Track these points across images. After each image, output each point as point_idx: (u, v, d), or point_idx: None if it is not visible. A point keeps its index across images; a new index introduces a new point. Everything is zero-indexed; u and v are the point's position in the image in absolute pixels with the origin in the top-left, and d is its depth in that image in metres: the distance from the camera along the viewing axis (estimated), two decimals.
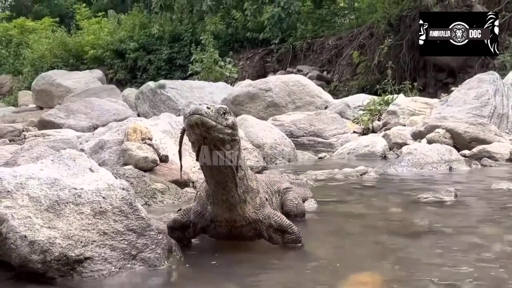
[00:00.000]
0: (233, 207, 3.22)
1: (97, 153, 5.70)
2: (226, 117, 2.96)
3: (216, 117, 2.88)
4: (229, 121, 2.97)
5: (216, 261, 3.18)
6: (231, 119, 2.99)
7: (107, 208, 3.04)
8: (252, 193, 3.29)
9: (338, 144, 9.63)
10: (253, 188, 3.30)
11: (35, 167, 3.12)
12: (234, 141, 3.03)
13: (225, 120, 2.95)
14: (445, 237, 3.66)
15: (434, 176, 6.38)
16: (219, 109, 2.94)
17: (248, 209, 3.27)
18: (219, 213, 3.27)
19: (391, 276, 2.87)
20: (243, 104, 12.65)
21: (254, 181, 3.36)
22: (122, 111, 13.79)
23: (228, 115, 2.98)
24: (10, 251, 2.80)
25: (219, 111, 2.93)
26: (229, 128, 2.96)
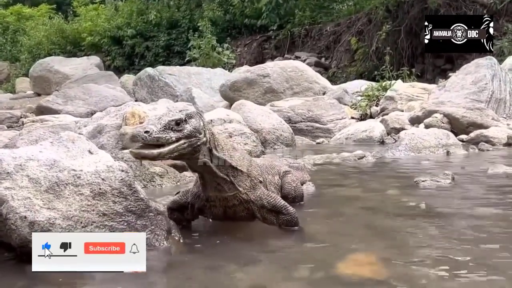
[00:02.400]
0: (220, 186, 3.29)
1: (96, 137, 5.71)
2: (180, 127, 2.94)
3: (157, 139, 2.86)
4: (186, 131, 2.96)
5: (214, 241, 3.21)
6: (189, 128, 2.97)
7: (106, 190, 3.05)
8: (240, 176, 3.33)
9: (336, 130, 9.66)
10: (242, 171, 3.33)
11: (34, 149, 3.13)
12: (199, 146, 3.05)
13: (178, 133, 2.93)
14: (442, 219, 3.69)
15: (432, 160, 6.40)
16: (168, 124, 2.91)
17: (237, 190, 3.32)
18: (210, 192, 3.33)
19: (387, 256, 2.89)
20: (241, 90, 12.65)
21: (245, 163, 3.39)
22: (120, 97, 13.79)
23: (183, 124, 2.95)
24: (11, 231, 2.81)
25: (168, 126, 2.91)
26: (185, 139, 2.96)
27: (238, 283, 2.60)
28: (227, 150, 3.27)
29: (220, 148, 3.22)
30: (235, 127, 6.97)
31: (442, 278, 2.57)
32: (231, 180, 3.27)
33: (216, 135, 3.23)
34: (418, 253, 2.95)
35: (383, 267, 2.73)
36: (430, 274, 2.61)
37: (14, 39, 35.25)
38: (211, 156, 3.16)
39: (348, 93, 12.51)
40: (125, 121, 5.51)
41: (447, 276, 2.59)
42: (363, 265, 2.78)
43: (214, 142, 3.18)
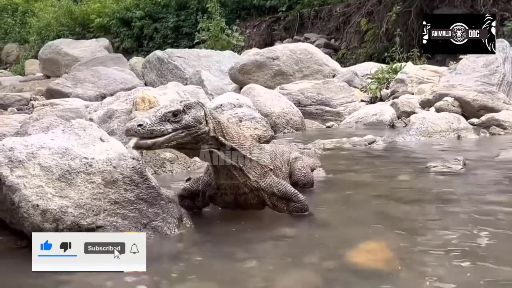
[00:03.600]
0: (230, 174, 3.29)
1: (106, 122, 5.71)
2: (178, 118, 2.94)
3: (151, 131, 2.87)
4: (184, 121, 2.96)
5: (225, 229, 3.23)
6: (187, 118, 2.97)
7: (118, 178, 3.07)
8: (250, 164, 3.33)
9: (346, 113, 9.63)
10: (251, 159, 3.33)
11: (46, 136, 3.14)
12: (200, 135, 3.05)
13: (175, 124, 2.94)
14: (454, 205, 3.68)
15: (443, 144, 6.37)
16: (165, 115, 2.92)
17: (247, 177, 3.32)
18: (221, 180, 3.35)
19: (398, 244, 2.90)
20: (250, 73, 12.59)
21: (256, 151, 3.39)
22: (129, 80, 13.76)
23: (181, 115, 2.96)
24: (23, 220, 2.83)
25: (164, 117, 2.91)
26: (183, 129, 2.96)
27: (249, 270, 2.62)
28: (237, 138, 3.27)
29: (229, 137, 3.22)
30: (245, 111, 6.95)
31: (454, 267, 2.57)
32: (241, 167, 3.28)
33: (224, 123, 3.22)
34: (430, 242, 2.94)
35: (394, 256, 2.74)
36: (442, 263, 2.61)
37: (23, 21, 35.20)
38: (218, 145, 3.17)
39: (358, 76, 12.44)
40: (135, 106, 5.51)
41: (459, 265, 2.59)
42: (374, 253, 2.78)
43: (221, 130, 3.18)
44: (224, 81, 13.33)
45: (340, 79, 11.50)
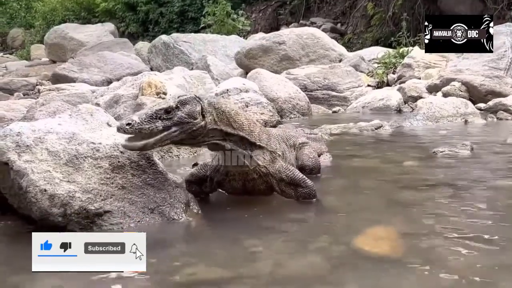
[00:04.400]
0: (240, 161, 3.29)
1: (112, 107, 5.72)
2: (170, 115, 2.91)
3: (139, 130, 2.81)
4: (176, 118, 2.92)
5: (233, 215, 3.23)
6: (180, 114, 2.93)
7: (125, 163, 3.07)
8: (259, 150, 3.32)
9: (353, 98, 9.61)
10: (260, 146, 3.32)
11: (53, 121, 3.14)
12: (196, 131, 3.02)
13: (166, 121, 2.90)
14: (460, 190, 3.68)
15: (450, 129, 6.35)
16: (156, 113, 2.87)
17: (257, 164, 3.32)
18: (230, 167, 3.35)
19: (406, 229, 2.89)
20: (256, 58, 12.55)
21: (264, 137, 3.38)
22: (135, 65, 13.76)
23: (175, 111, 2.92)
24: (31, 204, 2.84)
25: (156, 115, 2.87)
26: (175, 126, 2.92)
27: (256, 256, 2.61)
28: (247, 125, 3.26)
29: (238, 125, 3.20)
30: (251, 96, 6.93)
31: (463, 252, 2.56)
32: (250, 154, 3.27)
33: (231, 112, 3.19)
34: (437, 228, 2.92)
35: (401, 242, 2.73)
36: (450, 250, 2.60)
37: (28, 5, 35.20)
38: (223, 136, 3.16)
39: (365, 61, 12.40)
40: (142, 91, 5.50)
41: (467, 251, 2.58)
42: (381, 239, 2.77)
43: (227, 120, 3.15)
44: (230, 66, 13.31)
45: (347, 64, 11.46)
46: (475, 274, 2.31)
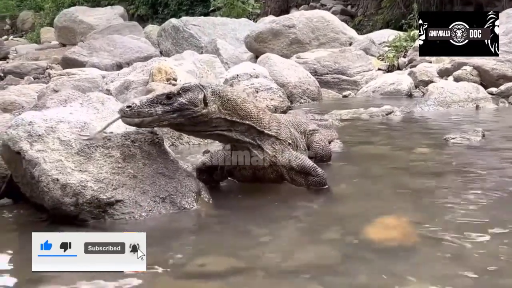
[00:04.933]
0: (250, 151, 3.29)
1: (123, 93, 5.72)
2: (171, 101, 2.95)
3: (138, 113, 2.89)
4: (176, 104, 2.96)
5: (243, 203, 3.26)
6: (180, 100, 2.97)
7: (136, 152, 3.08)
8: (268, 139, 3.33)
9: (363, 82, 9.56)
10: (269, 135, 3.33)
11: (64, 110, 3.15)
12: (196, 118, 3.04)
13: (166, 106, 2.94)
14: (472, 178, 3.66)
15: (461, 115, 6.31)
16: (157, 98, 2.94)
17: (266, 153, 3.31)
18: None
19: (416, 219, 2.88)
20: (266, 41, 12.49)
21: (274, 126, 3.38)
22: (144, 49, 13.76)
23: (176, 97, 2.96)
24: (43, 194, 2.86)
25: (156, 100, 2.93)
26: (174, 111, 2.96)
27: (267, 246, 2.62)
28: (256, 113, 3.25)
29: (245, 113, 3.20)
30: (262, 82, 6.92)
31: (475, 242, 2.55)
32: (259, 144, 3.27)
33: (237, 100, 3.18)
34: (448, 217, 2.91)
35: (412, 231, 2.72)
36: (461, 239, 2.59)
37: None
38: (228, 125, 3.17)
39: (375, 44, 12.30)
40: (152, 77, 5.49)
41: (481, 241, 2.58)
42: (392, 229, 2.77)
43: (233, 108, 3.15)
44: (240, 50, 13.25)
45: (357, 47, 11.39)
46: (487, 263, 2.30)
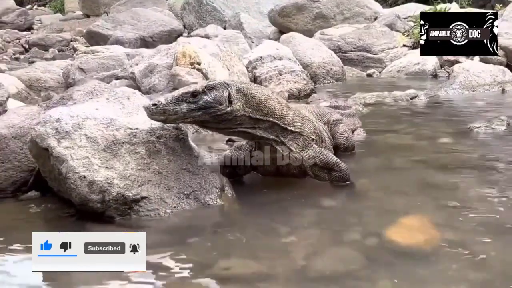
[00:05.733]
0: (273, 148, 3.32)
1: (147, 77, 5.74)
2: (196, 99, 2.98)
3: (163, 111, 2.93)
4: (201, 102, 2.99)
5: (266, 199, 3.28)
6: (205, 98, 2.99)
7: (161, 148, 3.12)
8: (292, 136, 3.34)
9: (388, 60, 9.48)
10: (293, 131, 3.35)
11: (91, 106, 3.19)
12: (221, 115, 3.06)
13: (192, 104, 2.97)
14: (496, 173, 3.64)
15: (486, 100, 6.25)
16: (182, 96, 2.97)
17: (289, 150, 3.34)
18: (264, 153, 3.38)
19: (440, 219, 2.89)
20: (290, 16, 12.36)
21: (298, 122, 3.39)
22: (168, 22, 13.74)
23: (201, 95, 2.99)
24: (70, 190, 2.92)
25: (182, 98, 2.96)
26: (199, 109, 2.99)
27: (289, 247, 2.65)
28: (280, 109, 3.26)
29: (269, 110, 3.21)
30: (285, 64, 6.90)
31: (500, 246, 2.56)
32: (282, 141, 3.29)
33: (262, 97, 3.20)
34: (472, 217, 2.91)
35: (435, 234, 2.73)
36: (484, 243, 2.60)
37: None
38: (252, 123, 3.19)
39: (400, 19, 12.12)
40: (176, 61, 5.50)
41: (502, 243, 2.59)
42: (415, 231, 2.78)
43: (257, 105, 3.17)
44: (263, 23, 13.16)
45: (382, 23, 11.25)
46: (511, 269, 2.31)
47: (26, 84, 7.62)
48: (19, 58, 14.18)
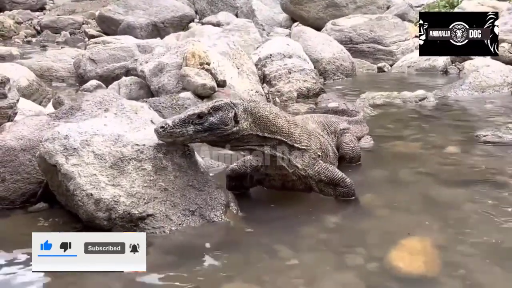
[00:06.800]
0: (280, 165, 3.34)
1: (157, 76, 5.76)
2: (202, 120, 3.01)
3: (170, 133, 3.00)
4: (207, 124, 3.02)
5: (271, 215, 3.30)
6: (211, 120, 3.02)
7: (167, 164, 3.15)
8: (298, 153, 3.37)
9: (399, 52, 9.44)
10: (299, 148, 3.38)
11: (99, 122, 3.22)
12: (227, 136, 3.10)
13: (198, 126, 3.01)
14: (503, 189, 3.64)
15: (496, 102, 6.22)
16: (189, 118, 3.00)
17: (296, 167, 3.37)
18: (269, 170, 3.42)
19: (442, 241, 2.92)
20: (302, 4, 12.30)
21: (304, 139, 3.43)
22: (180, 8, 13.71)
23: (207, 117, 3.02)
24: (77, 207, 2.97)
25: (188, 120, 2.99)
26: (205, 131, 3.03)
27: (292, 271, 2.68)
28: (287, 127, 3.30)
29: (276, 128, 3.24)
30: (295, 62, 6.88)
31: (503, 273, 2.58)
32: (289, 159, 3.32)
33: (270, 116, 3.23)
34: (475, 239, 2.93)
35: (436, 258, 2.75)
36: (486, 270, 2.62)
37: None
38: (260, 141, 3.21)
39: (413, 8, 12.05)
40: (186, 61, 5.51)
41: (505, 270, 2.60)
42: (417, 255, 2.80)
43: (265, 124, 3.20)
44: (275, 10, 13.11)
45: (394, 12, 11.20)
46: None
47: (37, 73, 7.66)
48: (31, 42, 14.24)
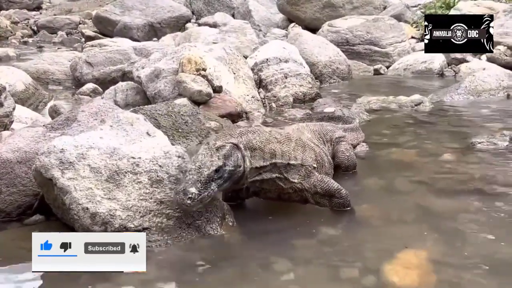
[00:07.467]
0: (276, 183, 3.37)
1: (153, 81, 5.76)
2: (220, 174, 2.99)
3: (200, 201, 2.91)
4: (226, 175, 3.02)
5: (266, 227, 3.31)
6: (228, 169, 3.02)
7: (163, 177, 3.16)
8: (294, 169, 3.39)
9: (395, 54, 9.45)
10: (294, 164, 3.38)
11: (95, 135, 3.22)
12: (241, 176, 3.13)
13: (218, 180, 3.00)
14: (495, 198, 3.66)
15: (491, 106, 6.25)
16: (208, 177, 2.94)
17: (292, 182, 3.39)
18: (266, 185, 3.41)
19: (437, 254, 2.94)
20: (298, 4, 12.27)
21: (299, 153, 3.44)
22: (176, 8, 13.71)
23: (223, 168, 3.00)
24: (73, 221, 2.98)
25: (209, 179, 2.95)
26: (226, 181, 3.04)
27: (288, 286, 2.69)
28: (279, 149, 3.33)
29: (269, 154, 3.27)
30: (291, 67, 6.87)
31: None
32: (285, 177, 3.34)
33: (261, 146, 3.25)
34: (469, 251, 2.95)
35: (431, 273, 2.77)
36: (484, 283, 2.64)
37: None
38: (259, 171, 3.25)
39: (409, 9, 12.06)
40: (182, 67, 5.51)
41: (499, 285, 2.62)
42: (412, 269, 2.81)
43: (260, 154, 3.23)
44: (272, 10, 13.09)
45: (390, 13, 11.22)
46: None
47: (34, 76, 7.65)
48: (28, 42, 14.22)
